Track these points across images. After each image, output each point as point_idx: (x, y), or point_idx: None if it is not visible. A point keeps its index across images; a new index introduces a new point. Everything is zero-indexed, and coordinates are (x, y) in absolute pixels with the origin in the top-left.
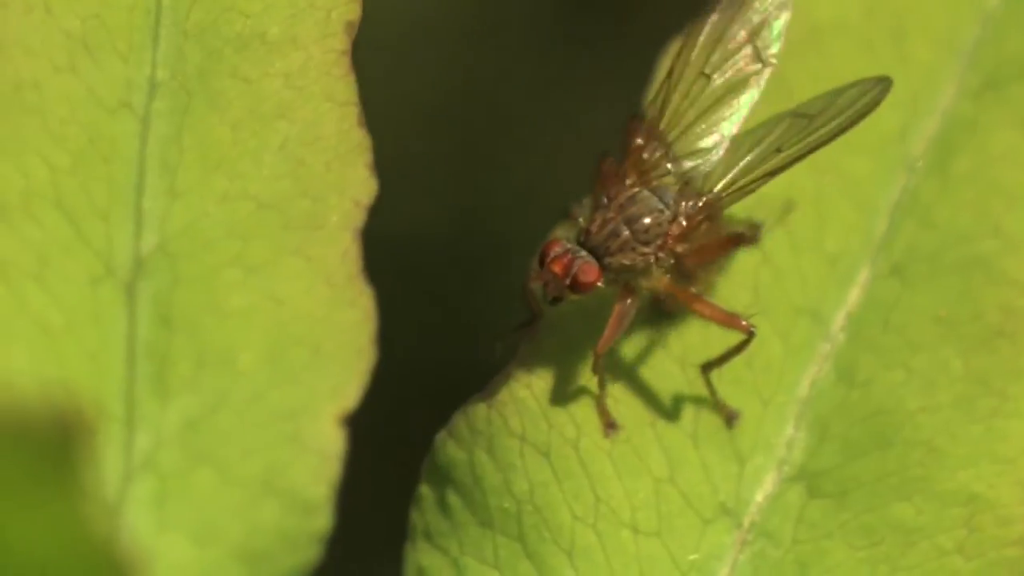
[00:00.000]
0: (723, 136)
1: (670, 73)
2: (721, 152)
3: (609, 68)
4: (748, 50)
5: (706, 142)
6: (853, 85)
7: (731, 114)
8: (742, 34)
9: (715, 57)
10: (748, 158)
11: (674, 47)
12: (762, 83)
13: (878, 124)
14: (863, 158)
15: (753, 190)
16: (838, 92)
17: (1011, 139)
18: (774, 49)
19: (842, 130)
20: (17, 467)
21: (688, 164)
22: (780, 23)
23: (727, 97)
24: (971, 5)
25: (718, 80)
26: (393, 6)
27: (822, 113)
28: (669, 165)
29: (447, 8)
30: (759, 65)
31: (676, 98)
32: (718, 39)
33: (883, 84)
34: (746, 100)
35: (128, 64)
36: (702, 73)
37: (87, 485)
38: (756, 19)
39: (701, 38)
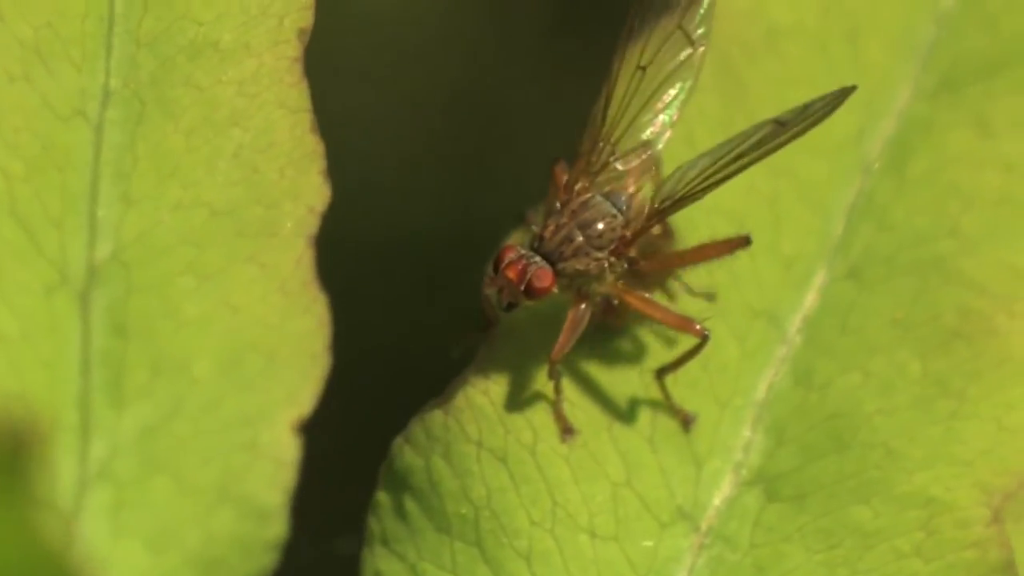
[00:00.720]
0: (664, 124)
1: (609, 73)
2: (664, 140)
3: (594, 65)
4: (678, 35)
5: (648, 133)
6: (825, 95)
7: (670, 101)
8: (671, 20)
9: (649, 48)
10: (703, 162)
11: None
12: (696, 65)
13: (834, 127)
14: (819, 161)
15: (703, 194)
16: (812, 102)
17: (967, 140)
18: (702, 30)
19: (796, 135)
20: None
21: (635, 159)
22: (707, 2)
23: (664, 86)
24: (926, 5)
25: (653, 71)
26: (389, 8)
27: (792, 121)
28: (618, 164)
29: (444, 9)
30: (690, 48)
31: (617, 96)
32: (651, 30)
33: (844, 91)
34: (683, 86)
35: (81, 72)
36: (639, 67)
37: (42, 494)
38: (684, 2)
39: (634, 32)
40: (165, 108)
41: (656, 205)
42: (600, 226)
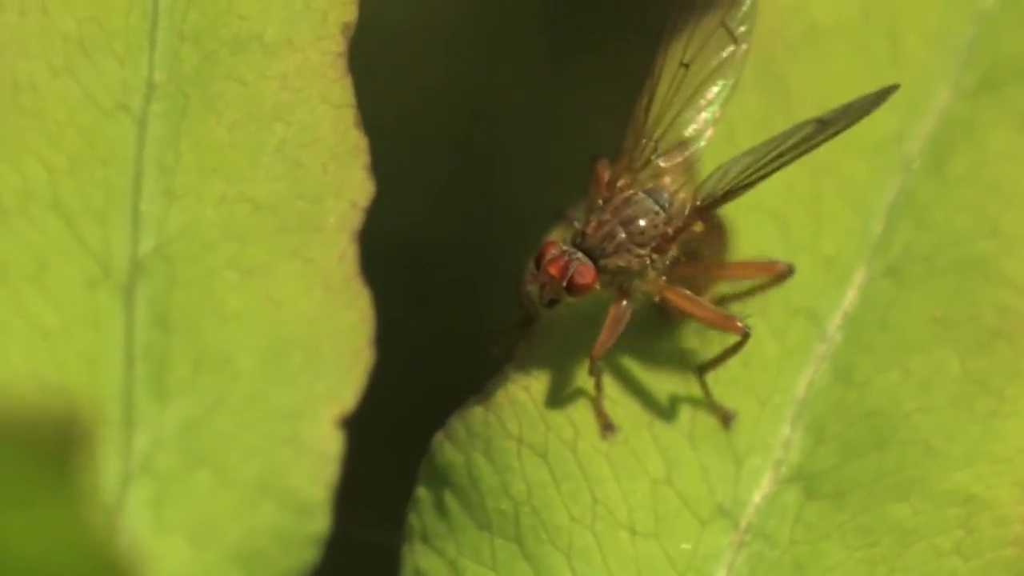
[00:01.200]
0: (707, 122)
1: (652, 70)
2: (706, 138)
3: (609, 68)
4: (721, 32)
5: (690, 130)
6: (867, 94)
7: (712, 99)
8: (714, 18)
9: (692, 46)
10: (746, 160)
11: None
12: (738, 63)
13: (875, 126)
14: (860, 159)
15: (744, 191)
16: (854, 101)
17: (1008, 139)
18: (744, 28)
19: (836, 132)
20: (15, 471)
21: (677, 156)
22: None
23: (707, 83)
24: (966, 5)
25: (696, 68)
26: (391, 7)
27: (834, 120)
28: (660, 162)
29: (444, 8)
30: (732, 46)
31: (660, 93)
32: (694, 27)
33: (885, 91)
34: (725, 83)
35: (125, 66)
36: (681, 64)
37: (85, 488)
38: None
39: (677, 29)
40: (208, 102)
41: (698, 203)
42: (642, 223)
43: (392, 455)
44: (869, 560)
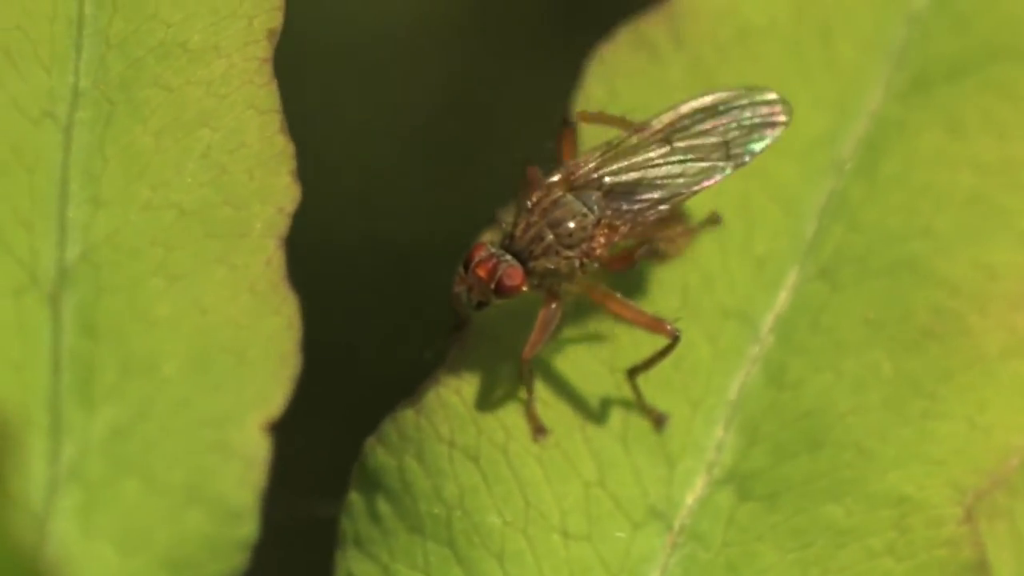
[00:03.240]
0: (662, 197)
1: (628, 123)
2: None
3: (580, 66)
4: (718, 141)
5: (642, 192)
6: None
7: (683, 183)
8: (722, 125)
9: (682, 132)
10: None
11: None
12: (721, 176)
13: (806, 127)
14: (791, 161)
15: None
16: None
17: (939, 140)
18: (747, 158)
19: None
20: None
21: (620, 202)
22: (763, 143)
23: (682, 165)
24: (898, 6)
25: (679, 146)
26: (383, 9)
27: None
28: (598, 190)
29: (437, 9)
30: (725, 162)
31: (627, 143)
32: (695, 120)
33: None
34: (700, 180)
35: (51, 74)
36: (666, 140)
37: (13, 495)
38: (745, 121)
39: (681, 109)
40: (134, 109)
41: (631, 215)
42: (571, 224)
43: (322, 459)
44: (803, 561)
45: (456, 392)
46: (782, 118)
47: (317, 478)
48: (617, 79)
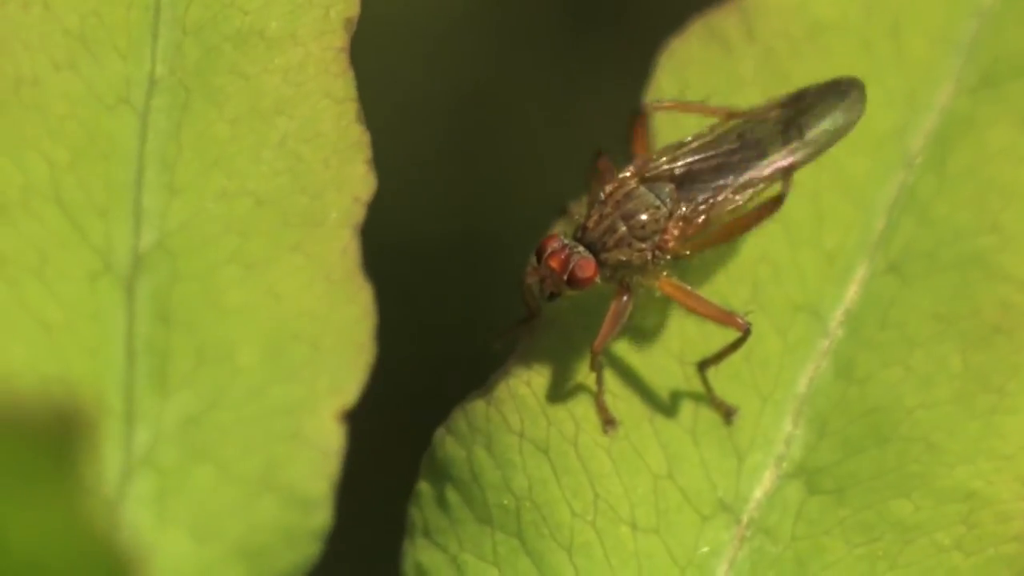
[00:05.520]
0: (735, 186)
1: (703, 108)
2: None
3: (608, 63)
4: (788, 127)
5: (715, 182)
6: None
7: (755, 172)
8: (793, 111)
9: (754, 123)
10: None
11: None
12: (791, 158)
13: (876, 122)
14: (861, 155)
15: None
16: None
17: (1008, 135)
18: (818, 139)
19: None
20: (17, 464)
21: (693, 194)
22: (833, 123)
23: (755, 152)
24: (968, 2)
25: (751, 137)
26: (392, 4)
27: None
28: (671, 182)
29: (445, 5)
30: (798, 142)
31: (700, 137)
32: (768, 110)
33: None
34: (772, 164)
35: (127, 61)
36: (739, 135)
37: (87, 481)
38: (817, 109)
39: (766, 113)
40: (210, 96)
41: (704, 206)
42: (644, 217)
43: (394, 449)
44: (870, 556)
45: (526, 383)
46: (857, 104)
47: (388, 468)
48: (688, 71)
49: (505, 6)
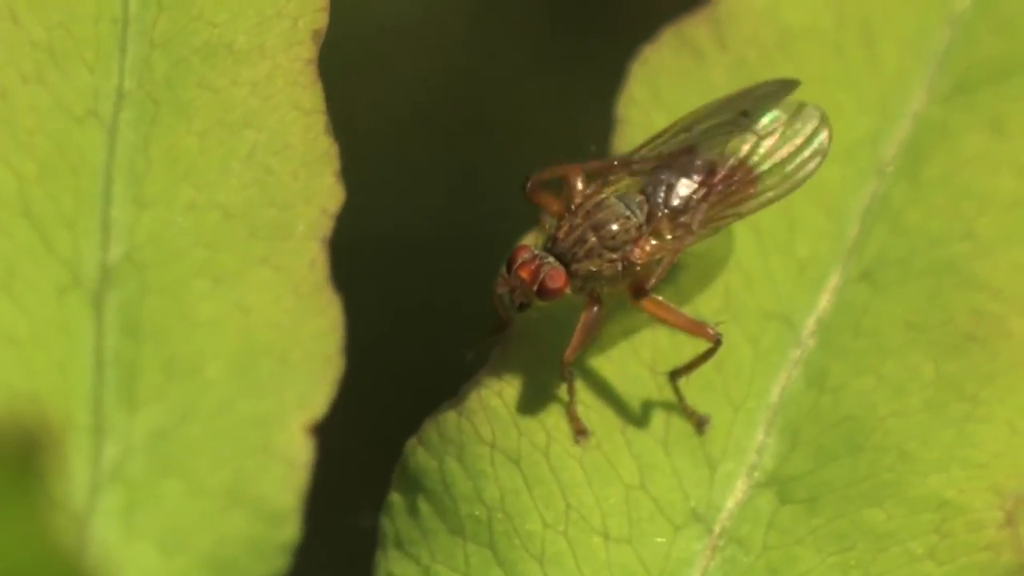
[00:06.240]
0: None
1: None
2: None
3: (596, 67)
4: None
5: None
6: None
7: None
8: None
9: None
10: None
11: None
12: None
13: (848, 129)
14: (833, 163)
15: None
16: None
17: (981, 143)
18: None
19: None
20: None
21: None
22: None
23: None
24: (940, 8)
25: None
26: (380, 8)
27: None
28: (641, 193)
29: (433, 8)
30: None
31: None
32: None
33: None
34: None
35: (95, 74)
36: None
37: (54, 496)
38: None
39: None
40: (179, 109)
41: (680, 222)
42: (614, 227)
43: (365, 461)
44: (843, 565)
45: (498, 394)
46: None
47: (358, 480)
48: (660, 80)
49: (497, 7)
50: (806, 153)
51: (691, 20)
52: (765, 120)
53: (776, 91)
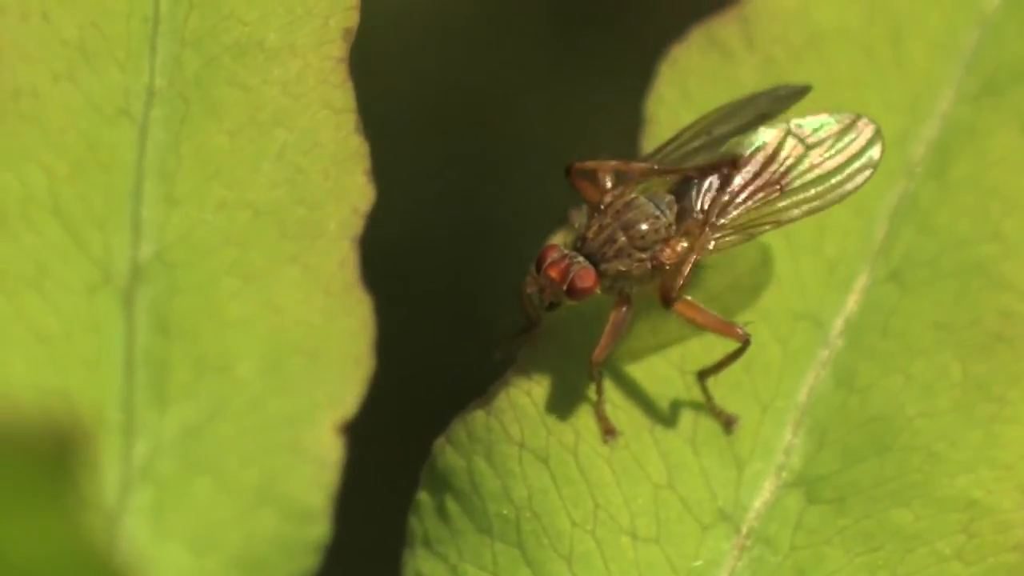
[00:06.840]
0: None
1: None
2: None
3: (607, 68)
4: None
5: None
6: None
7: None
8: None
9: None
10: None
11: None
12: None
13: None
14: None
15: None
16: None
17: (1010, 143)
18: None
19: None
20: (15, 477)
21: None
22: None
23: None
24: (969, 9)
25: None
26: (391, 9)
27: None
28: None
29: (444, 11)
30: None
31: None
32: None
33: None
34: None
35: (126, 72)
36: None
37: (85, 494)
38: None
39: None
40: (209, 108)
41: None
42: (644, 227)
43: (393, 460)
44: (870, 565)
45: (526, 393)
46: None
47: (387, 478)
48: (689, 80)
49: (507, 9)
50: (856, 165)
51: (720, 20)
52: (815, 129)
53: (796, 92)
